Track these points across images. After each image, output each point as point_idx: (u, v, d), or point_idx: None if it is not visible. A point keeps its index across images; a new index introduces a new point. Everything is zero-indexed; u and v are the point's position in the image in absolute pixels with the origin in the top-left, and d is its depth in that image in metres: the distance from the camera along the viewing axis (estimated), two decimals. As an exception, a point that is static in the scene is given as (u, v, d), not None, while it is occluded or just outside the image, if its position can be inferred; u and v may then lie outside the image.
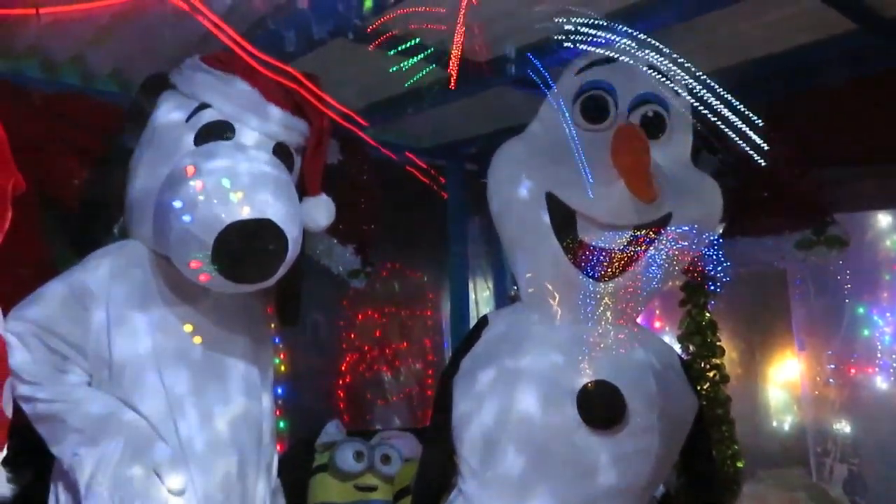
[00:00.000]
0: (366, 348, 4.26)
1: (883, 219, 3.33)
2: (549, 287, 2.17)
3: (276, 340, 3.88)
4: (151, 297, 2.12)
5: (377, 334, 4.29)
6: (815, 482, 2.17)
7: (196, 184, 1.98)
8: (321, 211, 2.24)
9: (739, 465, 2.58)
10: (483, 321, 2.34)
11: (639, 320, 2.38)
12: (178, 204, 2.00)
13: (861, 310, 3.47)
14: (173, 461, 2.02)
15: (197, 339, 2.14)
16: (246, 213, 1.95)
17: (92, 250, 2.19)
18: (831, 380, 3.39)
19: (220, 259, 1.95)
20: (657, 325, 3.41)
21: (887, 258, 3.40)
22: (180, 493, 2.02)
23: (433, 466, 2.26)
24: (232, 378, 2.18)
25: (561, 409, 2.02)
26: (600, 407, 2.00)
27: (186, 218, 1.97)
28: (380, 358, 4.29)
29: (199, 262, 2.00)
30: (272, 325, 3.19)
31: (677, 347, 2.81)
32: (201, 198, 1.97)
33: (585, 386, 2.02)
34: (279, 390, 3.82)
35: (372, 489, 2.74)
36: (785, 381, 3.56)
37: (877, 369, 3.39)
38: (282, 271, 2.08)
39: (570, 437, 2.01)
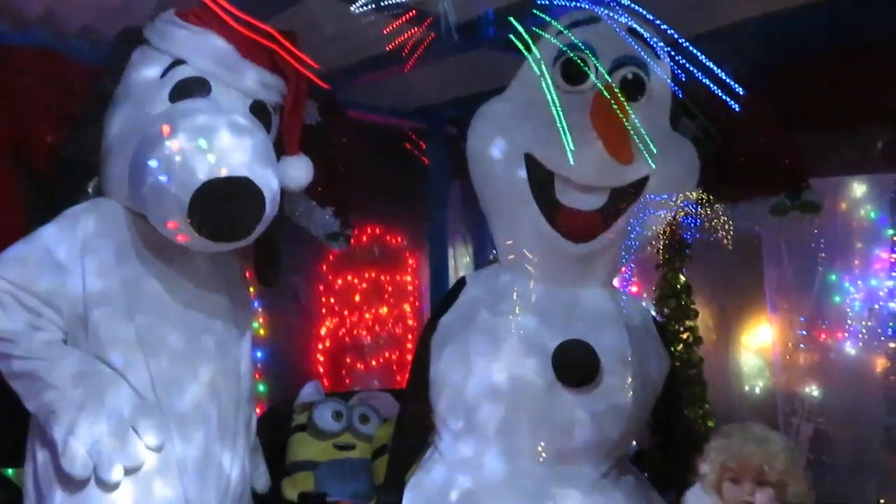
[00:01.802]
0: (345, 312, 4.27)
1: (857, 188, 3.37)
2: (527, 248, 2.18)
3: (256, 304, 3.89)
4: (127, 255, 2.11)
5: (357, 299, 4.30)
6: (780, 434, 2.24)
7: (172, 143, 1.97)
8: (299, 170, 2.23)
9: (710, 424, 2.65)
10: (461, 282, 2.36)
11: (615, 283, 2.42)
12: (154, 163, 1.98)
13: (833, 277, 3.54)
14: (150, 418, 2.03)
15: (175, 299, 2.14)
16: (223, 171, 1.94)
17: (66, 209, 2.17)
18: (802, 345, 3.46)
19: (197, 218, 1.94)
20: (634, 289, 3.45)
21: (860, 227, 3.46)
22: (158, 448, 2.04)
23: (410, 425, 2.30)
24: (209, 336, 2.18)
25: (536, 367, 2.06)
26: (575, 366, 2.04)
27: (163, 178, 1.96)
28: (359, 322, 4.30)
29: (177, 222, 1.99)
30: (250, 287, 3.20)
31: (653, 310, 2.86)
32: (178, 158, 1.95)
33: (560, 345, 2.05)
34: (259, 354, 3.83)
35: (350, 448, 2.77)
36: (757, 346, 3.63)
37: (846, 335, 3.46)
38: (259, 230, 2.07)
39: (545, 396, 2.05)
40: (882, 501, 2.88)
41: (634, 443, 2.75)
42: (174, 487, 2.05)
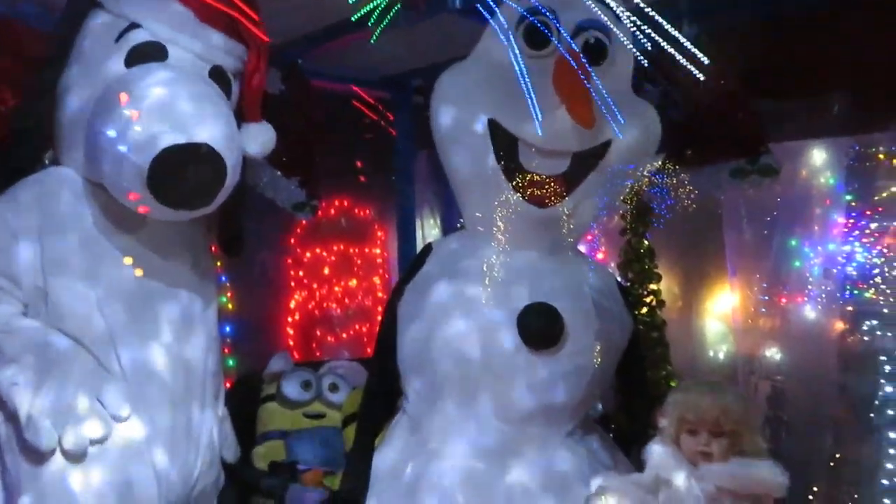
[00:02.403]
0: (314, 286, 4.26)
1: (817, 155, 3.44)
2: (491, 212, 2.20)
3: (223, 279, 3.86)
4: (85, 224, 2.08)
5: (326, 272, 4.29)
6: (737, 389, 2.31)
7: (130, 112, 1.93)
8: (261, 137, 2.21)
9: (673, 384, 2.71)
10: (427, 248, 2.37)
11: (580, 249, 2.45)
12: (112, 133, 1.95)
13: (793, 242, 3.62)
14: (116, 388, 2.02)
15: (136, 269, 2.12)
16: (181, 137, 1.91)
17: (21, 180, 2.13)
18: (763, 309, 3.55)
19: (157, 185, 1.91)
20: (600, 256, 3.50)
21: (819, 193, 3.53)
22: (124, 419, 2.03)
23: (378, 390, 2.32)
24: (173, 307, 2.17)
25: (501, 330, 2.08)
26: (539, 328, 2.07)
27: (122, 148, 1.93)
28: (329, 295, 4.30)
29: (138, 193, 1.97)
30: (217, 260, 3.17)
31: (617, 276, 2.90)
32: (137, 128, 1.92)
33: (525, 308, 2.07)
34: (227, 328, 3.81)
35: (320, 416, 2.79)
36: (720, 312, 3.71)
37: (805, 299, 3.56)
38: (221, 198, 2.05)
39: (511, 358, 2.07)
40: (837, 456, 2.98)
41: (600, 406, 2.81)
42: (142, 457, 2.05)
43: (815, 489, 2.81)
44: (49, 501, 1.93)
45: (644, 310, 2.76)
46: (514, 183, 2.13)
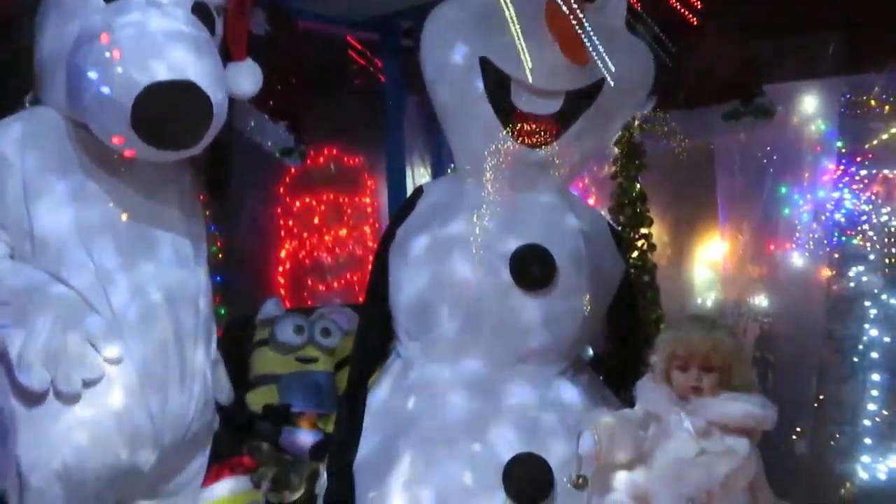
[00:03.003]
0: (305, 235, 4.24)
1: (809, 102, 3.42)
2: (482, 153, 2.17)
3: (212, 228, 3.82)
4: (70, 165, 2.04)
5: (316, 221, 4.27)
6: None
7: (111, 51, 1.87)
8: (247, 76, 2.15)
9: (662, 327, 2.74)
10: (418, 191, 2.35)
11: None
12: (93, 75, 1.89)
13: (783, 189, 3.62)
14: (107, 330, 2.01)
15: (123, 210, 2.09)
16: (165, 74, 1.86)
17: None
18: (752, 255, 3.57)
19: (141, 124, 1.87)
20: (591, 202, 3.49)
21: (811, 139, 3.53)
22: (117, 361, 2.02)
23: (371, 333, 2.32)
24: (162, 249, 2.14)
25: (494, 272, 2.08)
26: (532, 270, 2.07)
27: (105, 89, 1.88)
28: (319, 244, 4.28)
29: (122, 135, 1.93)
30: (207, 211, 3.13)
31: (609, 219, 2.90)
32: (119, 69, 1.86)
33: (517, 249, 2.07)
34: (218, 278, 3.80)
35: (313, 361, 2.80)
36: (710, 258, 3.73)
37: (794, 246, 3.58)
38: (208, 139, 2.01)
39: (503, 299, 2.08)
40: (821, 397, 3.05)
41: (591, 351, 2.84)
42: (136, 399, 2.05)
43: (798, 429, 2.87)
44: (42, 443, 1.94)
45: (635, 253, 2.77)
46: (505, 123, 2.10)
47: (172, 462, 2.22)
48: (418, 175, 4.25)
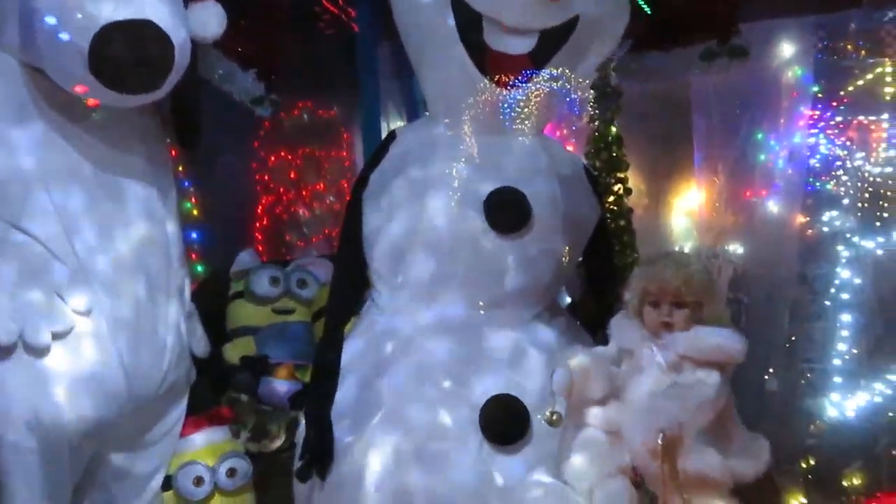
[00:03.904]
0: (281, 190, 4.18)
1: (785, 46, 3.40)
2: (456, 96, 2.14)
3: (187, 184, 3.76)
4: (27, 112, 1.97)
5: (292, 176, 4.20)
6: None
7: None
8: (210, 17, 2.08)
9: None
10: (391, 136, 2.32)
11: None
12: (51, 20, 1.83)
13: (759, 135, 3.62)
14: (74, 281, 1.98)
15: (87, 159, 2.03)
16: (123, 13, 1.80)
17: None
18: (728, 201, 3.59)
19: (99, 66, 1.81)
20: (569, 149, 3.47)
21: (787, 85, 3.51)
22: (86, 312, 2.00)
23: (346, 280, 2.31)
24: (129, 198, 2.10)
25: (468, 215, 2.07)
26: (506, 211, 2.05)
27: (64, 36, 1.82)
28: (297, 199, 4.23)
29: (84, 83, 1.87)
30: (178, 163, 3.07)
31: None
32: (78, 14, 1.80)
33: (492, 192, 2.05)
34: (194, 235, 3.75)
35: (290, 312, 2.78)
36: (685, 205, 3.74)
37: (769, 192, 3.60)
38: (171, 82, 1.96)
39: (478, 242, 2.07)
40: (793, 338, 3.10)
41: (569, 298, 2.85)
42: (108, 351, 2.03)
43: (770, 367, 2.93)
44: (13, 396, 1.92)
45: (611, 198, 2.76)
46: (478, 62, 2.06)
47: (148, 413, 2.22)
48: (394, 126, 4.18)
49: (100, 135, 2.07)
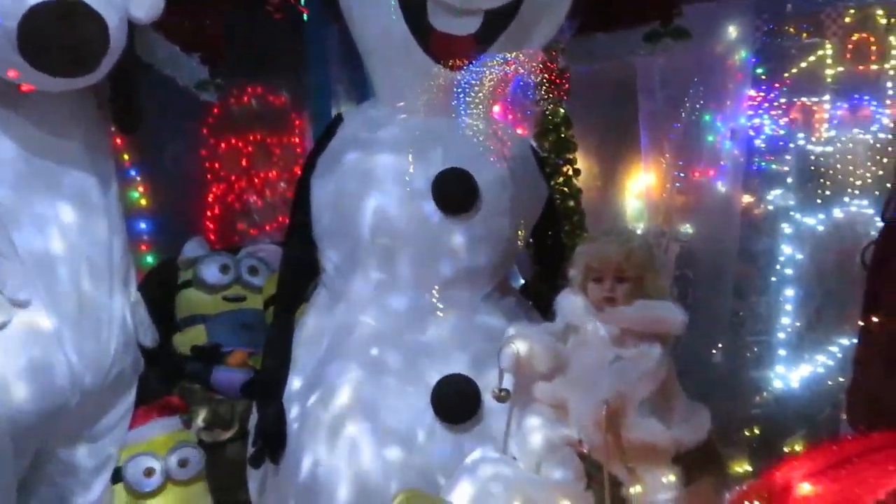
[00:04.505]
0: (232, 178, 4.12)
1: (730, 28, 3.47)
2: (401, 78, 2.13)
3: (133, 173, 3.67)
4: (-46, 96, 1.90)
5: (243, 163, 4.14)
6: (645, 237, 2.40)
7: None
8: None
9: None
10: (337, 119, 2.30)
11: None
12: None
13: (707, 117, 3.70)
14: (11, 272, 1.93)
15: (22, 146, 1.97)
16: (53, -6, 1.74)
17: None
18: (677, 184, 3.66)
19: (29, 48, 1.76)
20: (519, 132, 3.49)
21: (732, 67, 3.59)
22: (25, 304, 1.95)
23: (295, 264, 2.29)
24: (65, 186, 2.05)
25: (416, 196, 2.07)
26: (454, 192, 2.06)
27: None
28: (249, 187, 4.16)
29: (14, 67, 1.81)
30: (123, 152, 2.99)
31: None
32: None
33: (439, 174, 2.05)
34: (143, 225, 3.67)
35: (241, 299, 2.75)
36: (633, 184, 3.80)
37: (716, 172, 3.68)
38: (106, 65, 1.91)
39: (426, 224, 2.07)
40: (740, 313, 3.20)
41: (522, 280, 2.88)
42: (49, 342, 1.99)
43: (716, 341, 3.01)
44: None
45: (560, 179, 2.79)
46: (423, 43, 2.05)
47: (96, 405, 2.18)
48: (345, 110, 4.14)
49: (34, 120, 2.01)
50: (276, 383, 2.18)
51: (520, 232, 2.19)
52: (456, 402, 1.99)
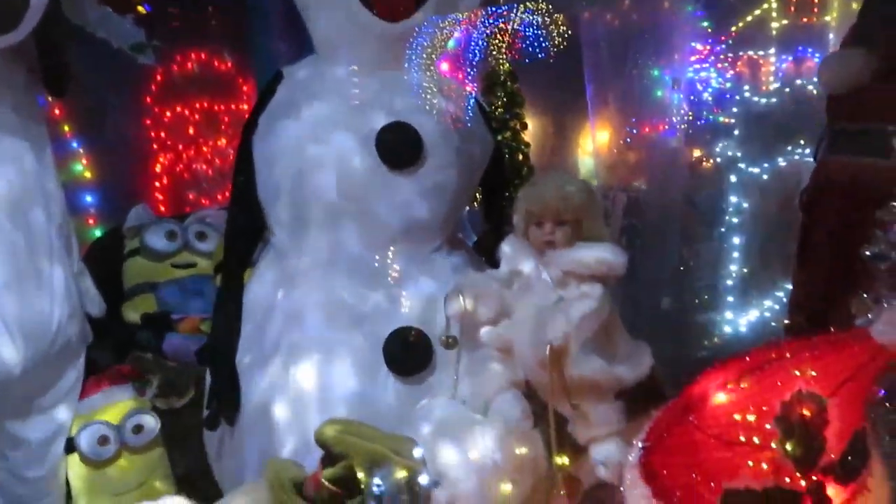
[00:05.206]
0: (180, 147, 4.02)
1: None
2: (342, 32, 2.10)
3: (76, 145, 3.57)
4: None
5: (190, 132, 4.04)
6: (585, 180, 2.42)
7: None
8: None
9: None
10: (278, 75, 2.25)
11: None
12: None
13: (656, 72, 3.73)
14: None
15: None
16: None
17: None
18: (628, 139, 3.70)
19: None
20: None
21: (679, 22, 3.61)
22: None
23: (241, 226, 2.26)
24: (-4, 150, 1.98)
25: (361, 152, 2.05)
26: (398, 146, 2.05)
27: None
28: (197, 156, 4.08)
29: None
30: (63, 123, 2.90)
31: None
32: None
33: (383, 128, 2.04)
34: (89, 198, 3.58)
35: (190, 266, 2.72)
36: (584, 142, 3.83)
37: (666, 127, 3.73)
38: (29, 24, 1.84)
39: (372, 178, 2.06)
40: (691, 263, 3.28)
41: (475, 237, 2.90)
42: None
43: (664, 288, 3.08)
44: None
45: (508, 133, 2.80)
46: (363, -3, 2.02)
47: (41, 375, 2.14)
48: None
49: (-43, 84, 1.93)
50: (228, 346, 2.17)
51: (461, 184, 2.19)
52: (406, 354, 2.01)
